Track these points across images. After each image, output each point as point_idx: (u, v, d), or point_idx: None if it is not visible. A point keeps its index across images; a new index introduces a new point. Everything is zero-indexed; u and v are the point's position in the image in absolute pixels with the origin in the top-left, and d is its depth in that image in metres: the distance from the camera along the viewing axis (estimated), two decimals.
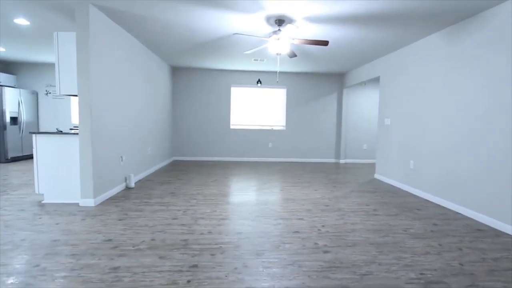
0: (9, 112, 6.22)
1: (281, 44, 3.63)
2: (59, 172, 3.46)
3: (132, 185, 4.29)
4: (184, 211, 3.26)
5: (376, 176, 5.50)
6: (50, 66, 7.07)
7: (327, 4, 3.05)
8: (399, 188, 4.64)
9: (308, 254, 2.26)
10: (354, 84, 6.81)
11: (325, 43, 3.68)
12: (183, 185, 4.56)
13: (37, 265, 2.02)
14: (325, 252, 2.31)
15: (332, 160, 7.63)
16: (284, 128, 7.51)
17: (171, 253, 2.23)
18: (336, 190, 4.43)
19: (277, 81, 7.37)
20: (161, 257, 2.16)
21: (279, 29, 3.56)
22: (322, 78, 7.47)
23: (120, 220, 2.94)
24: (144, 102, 5.11)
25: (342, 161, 7.47)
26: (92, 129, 3.35)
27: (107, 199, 3.65)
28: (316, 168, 6.56)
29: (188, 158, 7.35)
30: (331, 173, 5.97)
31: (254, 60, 5.94)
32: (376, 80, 6.95)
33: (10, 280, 1.83)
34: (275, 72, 7.32)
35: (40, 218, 2.95)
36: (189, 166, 6.43)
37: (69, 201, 3.48)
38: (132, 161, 4.57)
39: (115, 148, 3.96)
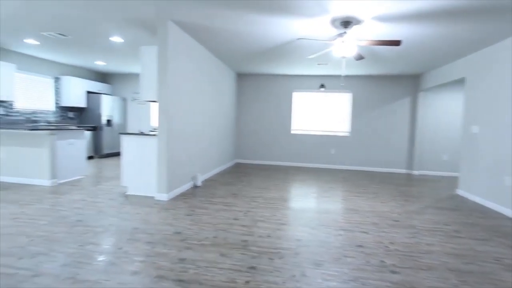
0: (105, 115, 7.39)
1: (346, 47, 3.48)
2: (139, 168, 3.95)
3: (199, 184, 4.62)
4: (245, 213, 3.36)
5: (459, 191, 4.78)
6: (136, 76, 8.17)
7: (400, 1, 2.80)
8: (489, 208, 3.94)
9: (372, 272, 2.09)
10: (432, 87, 6.08)
11: (397, 43, 3.39)
12: (244, 187, 4.72)
13: (120, 248, 2.34)
14: (393, 272, 2.10)
15: (403, 171, 6.93)
16: (349, 134, 7.14)
17: (232, 252, 2.32)
18: (408, 205, 4.00)
19: (342, 85, 7.07)
20: (222, 255, 2.27)
21: (344, 32, 3.42)
22: (392, 80, 6.88)
23: (187, 215, 3.20)
24: (211, 107, 5.48)
25: (416, 172, 6.71)
26: (168, 131, 3.73)
27: (177, 195, 4.02)
28: (383, 178, 6.05)
29: (250, 161, 7.58)
30: (401, 184, 5.43)
31: (318, 64, 5.82)
32: (458, 82, 6.08)
33: (101, 258, 2.16)
34: (340, 76, 7.04)
35: (124, 207, 3.42)
36: (250, 169, 6.63)
37: (147, 194, 3.94)
38: (200, 161, 4.94)
39: (186, 149, 4.33)
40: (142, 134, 3.93)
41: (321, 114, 7.25)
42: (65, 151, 4.59)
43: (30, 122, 6.12)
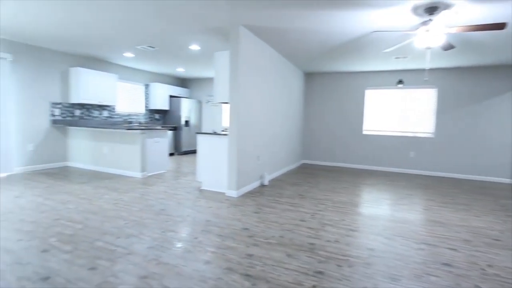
0: (184, 117, 8.20)
1: (432, 36, 3.06)
2: (212, 165, 4.25)
3: (266, 183, 4.72)
4: (312, 215, 3.29)
5: None
6: (210, 80, 8.83)
7: None
8: None
9: None
10: None
11: (501, 26, 2.82)
12: (311, 188, 4.62)
13: (196, 238, 2.56)
14: None
15: (507, 180, 5.75)
16: (432, 136, 6.29)
17: (298, 254, 2.30)
18: None
19: (426, 80, 6.26)
20: (288, 255, 2.27)
21: (429, 19, 3.02)
22: (488, 72, 5.76)
23: (255, 213, 3.30)
24: (280, 107, 5.54)
25: None
26: (238, 131, 3.92)
27: (246, 193, 4.18)
28: (477, 187, 5.14)
29: (317, 162, 7.38)
30: (503, 197, 4.52)
31: (395, 58, 5.29)
32: None
33: (178, 245, 2.40)
34: (422, 70, 6.25)
35: (199, 200, 3.73)
36: (317, 170, 6.46)
37: (218, 190, 4.21)
38: (267, 161, 5.04)
39: (254, 148, 4.48)
40: (215, 133, 4.22)
41: (398, 113, 6.57)
42: (152, 148, 5.27)
43: (127, 123, 7.21)
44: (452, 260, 2.29)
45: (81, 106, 6.11)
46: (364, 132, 6.87)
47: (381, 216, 3.35)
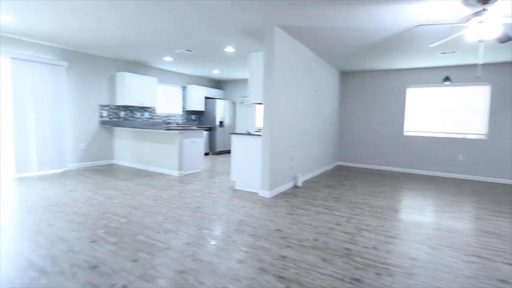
0: (218, 117, 8.41)
1: (486, 28, 2.78)
2: (246, 165, 4.29)
3: (299, 184, 4.66)
4: (347, 219, 3.18)
5: None
6: (244, 81, 8.95)
7: None
8: None
9: None
10: None
11: None
12: (346, 191, 4.46)
13: (229, 236, 2.60)
14: None
15: None
16: (485, 137, 5.71)
17: (333, 259, 2.22)
18: None
19: (478, 76, 5.71)
20: (323, 259, 2.21)
21: (483, 9, 2.74)
22: None
23: (288, 214, 3.27)
24: (314, 108, 5.43)
25: None
26: (271, 132, 3.92)
27: (278, 194, 4.17)
28: None
29: (353, 164, 7.10)
30: None
31: (442, 53, 4.90)
32: None
33: (212, 242, 2.46)
34: (473, 65, 5.71)
35: (233, 200, 3.79)
36: (353, 172, 6.21)
37: (251, 190, 4.25)
38: (300, 162, 4.97)
39: (287, 149, 4.44)
40: (248, 134, 4.26)
41: (444, 113, 6.08)
42: (189, 148, 5.47)
43: (165, 124, 7.59)
44: (510, 276, 2.05)
45: (125, 108, 6.56)
46: (406, 133, 6.46)
47: (425, 223, 3.12)
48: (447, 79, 5.94)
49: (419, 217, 3.32)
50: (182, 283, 1.84)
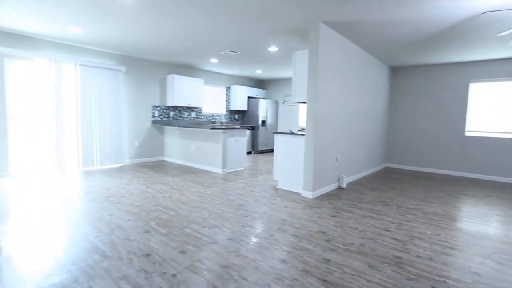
0: (261, 117, 8.49)
1: None
2: (289, 165, 4.26)
3: (344, 186, 4.48)
4: (398, 225, 2.96)
5: None
6: (286, 80, 8.89)
7: None
8: None
9: None
10: None
11: None
12: (396, 195, 4.17)
13: (272, 235, 2.60)
14: None
15: None
16: None
17: (382, 266, 2.09)
18: None
19: None
20: (370, 266, 2.09)
21: None
22: None
23: (332, 216, 3.16)
24: (360, 106, 5.17)
25: None
26: (315, 131, 3.83)
27: (321, 195, 4.06)
28: None
29: (403, 166, 6.61)
30: None
31: None
32: None
33: (255, 240, 2.49)
34: None
35: (275, 199, 3.79)
36: (403, 175, 5.78)
37: (294, 190, 4.20)
38: (345, 163, 4.77)
39: (332, 149, 4.30)
40: (292, 133, 4.22)
41: None
42: (232, 146, 5.62)
43: (210, 123, 7.89)
44: None
45: (175, 108, 6.98)
46: (467, 133, 5.81)
47: (490, 235, 2.77)
48: None
49: (483, 228, 2.96)
50: (226, 277, 1.89)
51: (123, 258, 2.11)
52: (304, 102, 4.11)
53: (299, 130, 4.84)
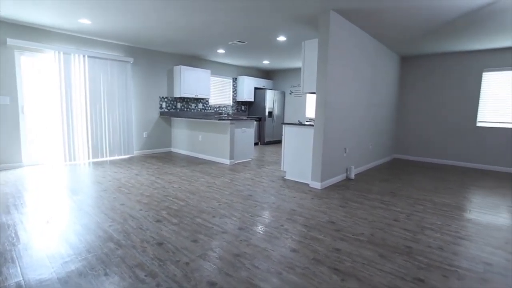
0: (268, 108, 8.45)
1: None
2: (297, 155, 4.26)
3: (352, 176, 4.47)
4: (407, 216, 2.96)
5: None
6: (293, 70, 8.79)
7: None
8: None
9: None
10: None
11: None
12: (404, 186, 4.14)
13: (282, 225, 2.63)
14: None
15: None
16: None
17: (393, 256, 2.10)
18: None
19: None
20: (381, 256, 2.10)
21: None
22: None
23: (341, 206, 3.17)
24: (370, 96, 5.10)
25: None
26: (325, 122, 3.80)
27: (330, 185, 4.06)
28: None
29: (412, 157, 6.54)
30: None
31: None
32: None
33: (265, 229, 2.51)
34: None
35: (283, 189, 3.81)
36: (412, 166, 5.73)
37: (302, 181, 4.21)
38: (354, 154, 4.74)
39: (340, 140, 4.27)
40: (300, 124, 4.20)
41: None
42: (240, 137, 5.62)
43: (218, 114, 7.89)
44: None
45: (182, 99, 6.98)
46: (479, 124, 5.69)
47: (502, 226, 2.75)
48: None
49: (495, 218, 2.93)
50: (238, 265, 1.92)
51: (137, 247, 2.16)
52: (313, 93, 4.07)
53: (307, 121, 4.81)
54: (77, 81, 5.16)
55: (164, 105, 6.64)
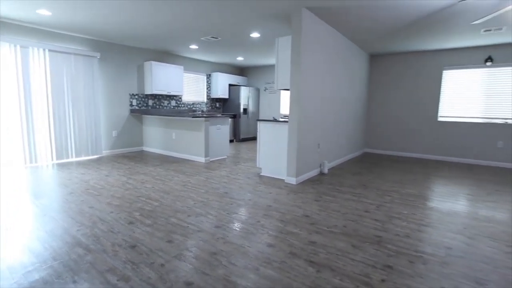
0: (242, 104, 8.43)
1: None
2: (272, 152, 4.30)
3: (326, 171, 4.60)
4: (377, 206, 3.11)
5: None
6: (267, 67, 8.83)
7: None
8: None
9: None
10: None
11: None
12: (375, 178, 4.35)
13: (258, 221, 2.65)
14: None
15: None
16: None
17: (364, 246, 2.20)
18: None
19: None
20: (353, 246, 2.19)
21: None
22: None
23: (316, 200, 3.26)
24: (342, 93, 5.26)
25: None
26: (299, 118, 3.86)
27: (305, 180, 4.15)
28: None
29: (381, 151, 6.88)
30: None
31: (485, 31, 4.50)
32: None
33: (242, 226, 2.52)
34: None
35: (259, 186, 3.83)
36: (381, 160, 6.02)
37: (277, 177, 4.26)
38: (327, 149, 4.88)
39: (314, 135, 4.37)
40: (275, 120, 4.24)
41: (484, 96, 5.64)
42: (215, 134, 5.56)
43: (191, 111, 7.74)
44: None
45: (153, 96, 6.75)
46: (440, 119, 6.11)
47: (460, 212, 2.98)
48: (489, 59, 5.48)
49: (454, 206, 3.17)
50: (215, 263, 1.91)
51: (108, 251, 2.06)
52: (287, 89, 4.12)
53: (281, 117, 4.87)
54: (37, 77, 4.79)
55: (134, 102, 6.38)
